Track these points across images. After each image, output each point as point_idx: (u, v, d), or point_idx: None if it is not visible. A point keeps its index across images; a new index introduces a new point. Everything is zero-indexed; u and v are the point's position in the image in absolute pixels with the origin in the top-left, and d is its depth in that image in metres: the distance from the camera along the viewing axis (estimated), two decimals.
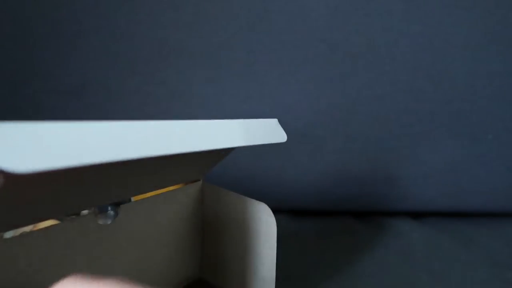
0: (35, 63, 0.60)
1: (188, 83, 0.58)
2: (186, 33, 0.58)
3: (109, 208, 0.28)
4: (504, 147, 0.59)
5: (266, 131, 0.26)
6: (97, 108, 0.61)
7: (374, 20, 0.56)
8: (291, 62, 0.58)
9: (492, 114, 0.58)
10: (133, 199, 0.36)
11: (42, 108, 0.62)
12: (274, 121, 0.28)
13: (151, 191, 0.33)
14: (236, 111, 0.59)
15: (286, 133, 0.60)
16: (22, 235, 0.24)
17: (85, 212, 0.33)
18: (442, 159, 0.59)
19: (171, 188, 0.39)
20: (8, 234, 0.32)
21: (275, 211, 0.63)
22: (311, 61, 0.57)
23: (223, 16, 0.57)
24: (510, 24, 0.56)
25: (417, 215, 0.61)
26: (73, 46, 0.60)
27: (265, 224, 0.33)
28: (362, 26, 0.56)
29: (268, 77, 0.58)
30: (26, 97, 0.63)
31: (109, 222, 0.27)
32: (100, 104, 0.60)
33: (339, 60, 0.57)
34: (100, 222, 0.27)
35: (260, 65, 0.58)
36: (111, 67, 0.60)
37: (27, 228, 0.33)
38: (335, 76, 0.58)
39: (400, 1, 0.56)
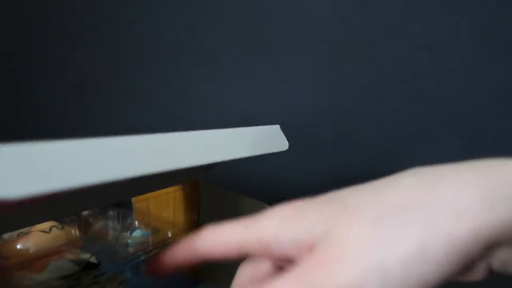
0: (35, 63, 0.60)
1: (188, 83, 0.58)
2: (186, 33, 0.57)
3: (110, 209, 0.28)
4: (504, 147, 0.59)
5: (266, 140, 0.25)
6: (96, 108, 0.61)
7: (374, 20, 0.56)
8: (291, 62, 0.58)
9: (492, 114, 0.58)
10: (133, 199, 0.36)
11: (42, 108, 0.62)
12: (276, 127, 0.26)
13: (151, 191, 0.33)
14: (236, 111, 0.59)
15: (286, 133, 0.60)
16: None
17: (85, 213, 0.33)
18: (442, 159, 0.59)
19: (170, 189, 0.39)
20: (7, 235, 0.32)
21: None
22: (311, 61, 0.57)
23: (223, 16, 0.57)
24: (510, 24, 0.56)
25: None
26: (73, 46, 0.60)
27: None
28: (362, 26, 0.56)
29: (268, 77, 0.58)
30: (26, 97, 0.63)
31: (110, 223, 0.27)
32: (100, 104, 0.60)
33: (339, 60, 0.57)
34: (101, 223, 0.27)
35: (260, 65, 0.58)
36: (111, 67, 0.60)
37: (25, 229, 0.33)
38: (335, 76, 0.58)
39: (400, 1, 0.56)
